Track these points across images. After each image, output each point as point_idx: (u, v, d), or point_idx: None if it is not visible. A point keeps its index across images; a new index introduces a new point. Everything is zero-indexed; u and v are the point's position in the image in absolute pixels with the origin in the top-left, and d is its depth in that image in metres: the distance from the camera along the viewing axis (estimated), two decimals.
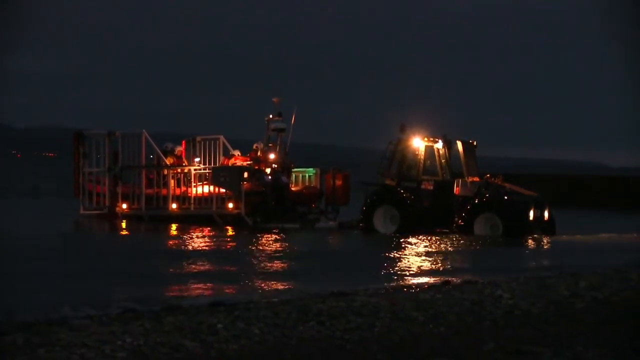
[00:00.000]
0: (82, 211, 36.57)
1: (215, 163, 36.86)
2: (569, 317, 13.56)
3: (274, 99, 36.45)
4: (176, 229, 32.83)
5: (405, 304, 14.33)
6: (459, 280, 18.69)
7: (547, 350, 11.07)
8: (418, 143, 32.59)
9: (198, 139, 37.67)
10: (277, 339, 11.66)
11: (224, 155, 36.97)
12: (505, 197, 31.57)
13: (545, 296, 15.36)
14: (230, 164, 35.82)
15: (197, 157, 37.01)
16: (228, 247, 28.06)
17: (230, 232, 32.31)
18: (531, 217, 31.21)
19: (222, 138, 37.51)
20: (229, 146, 37.17)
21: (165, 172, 35.71)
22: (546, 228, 31.94)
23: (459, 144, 32.46)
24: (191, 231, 31.84)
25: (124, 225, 34.34)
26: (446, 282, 18.17)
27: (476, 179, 32.16)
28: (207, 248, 27.15)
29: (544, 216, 31.97)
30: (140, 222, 35.27)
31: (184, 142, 37.56)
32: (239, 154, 36.42)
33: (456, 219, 31.50)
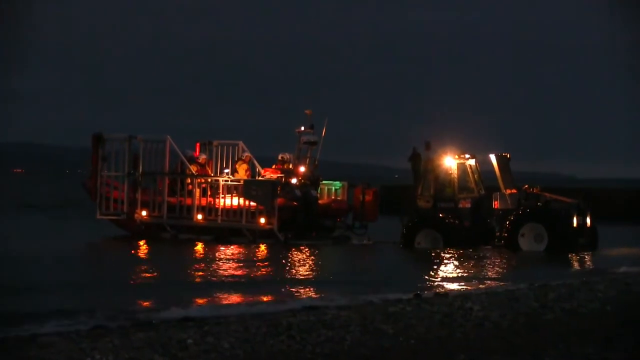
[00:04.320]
0: (98, 216, 34.49)
1: (233, 170, 34.87)
2: (538, 329, 13.63)
3: (306, 111, 35.06)
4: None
5: (376, 316, 14.34)
6: (430, 293, 18.76)
7: None
8: (450, 161, 31.90)
9: (215, 143, 36.09)
10: (247, 354, 11.63)
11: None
12: (547, 206, 31.06)
13: (515, 308, 15.43)
14: (238, 167, 34.31)
15: (226, 168, 35.07)
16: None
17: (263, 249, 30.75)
18: (575, 224, 30.82)
19: (241, 144, 35.86)
20: (247, 152, 35.44)
21: (189, 180, 33.83)
22: (589, 235, 31.60)
23: (493, 157, 31.80)
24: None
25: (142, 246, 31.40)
26: (417, 295, 18.20)
27: (514, 191, 31.73)
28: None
29: (586, 223, 31.53)
30: (165, 233, 33.66)
31: (197, 144, 36.07)
32: (251, 157, 34.97)
33: (498, 233, 31.07)
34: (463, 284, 21.96)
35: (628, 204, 55.01)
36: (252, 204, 32.75)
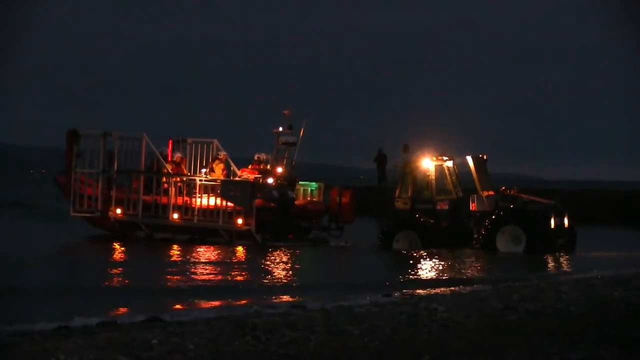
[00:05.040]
0: (72, 213, 34.16)
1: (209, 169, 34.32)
2: (503, 329, 13.71)
3: (285, 112, 34.69)
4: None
5: (341, 317, 14.38)
6: (396, 294, 18.82)
7: None
8: (428, 163, 32.00)
9: (189, 140, 35.41)
10: (212, 354, 11.61)
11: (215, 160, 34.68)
12: (525, 207, 31.17)
13: (480, 309, 15.51)
14: (214, 167, 33.95)
15: (203, 167, 34.77)
16: None
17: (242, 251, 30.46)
18: (552, 225, 30.81)
19: (216, 142, 35.40)
20: (223, 150, 35.03)
21: (164, 179, 33.43)
22: (567, 235, 31.64)
23: (469, 159, 31.86)
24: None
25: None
26: (385, 296, 18.27)
27: (491, 192, 31.75)
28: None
29: (564, 223, 31.58)
30: (140, 231, 33.49)
31: (170, 141, 35.53)
32: (226, 156, 34.56)
33: (476, 235, 31.07)
34: (433, 285, 22.03)
35: (627, 205, 55.08)
36: (230, 204, 32.37)
